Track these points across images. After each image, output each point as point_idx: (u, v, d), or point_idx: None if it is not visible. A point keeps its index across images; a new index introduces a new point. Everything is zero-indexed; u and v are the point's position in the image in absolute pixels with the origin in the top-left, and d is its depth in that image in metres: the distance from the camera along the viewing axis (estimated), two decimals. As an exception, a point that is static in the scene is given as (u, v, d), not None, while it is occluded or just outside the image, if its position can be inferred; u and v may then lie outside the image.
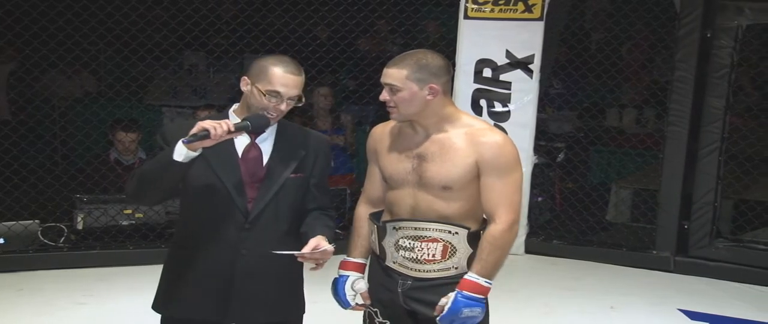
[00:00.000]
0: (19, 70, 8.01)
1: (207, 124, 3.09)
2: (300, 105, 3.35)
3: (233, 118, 3.30)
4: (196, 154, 3.11)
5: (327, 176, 3.56)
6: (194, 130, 3.07)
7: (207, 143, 3.10)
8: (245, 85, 3.30)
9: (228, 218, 3.31)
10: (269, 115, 3.27)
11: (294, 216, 3.41)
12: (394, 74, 3.31)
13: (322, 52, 7.84)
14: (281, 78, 3.26)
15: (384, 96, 3.35)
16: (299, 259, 3.29)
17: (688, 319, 6.03)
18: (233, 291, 3.34)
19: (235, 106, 3.40)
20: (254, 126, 3.24)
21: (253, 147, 3.33)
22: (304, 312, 3.60)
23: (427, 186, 3.36)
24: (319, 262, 3.29)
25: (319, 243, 3.23)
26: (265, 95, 3.24)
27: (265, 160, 3.35)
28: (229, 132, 3.12)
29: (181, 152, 3.08)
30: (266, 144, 3.36)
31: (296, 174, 3.37)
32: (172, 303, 3.41)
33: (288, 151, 3.37)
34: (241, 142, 3.31)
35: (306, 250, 3.22)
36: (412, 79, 3.29)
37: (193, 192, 3.31)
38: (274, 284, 3.43)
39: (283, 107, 3.28)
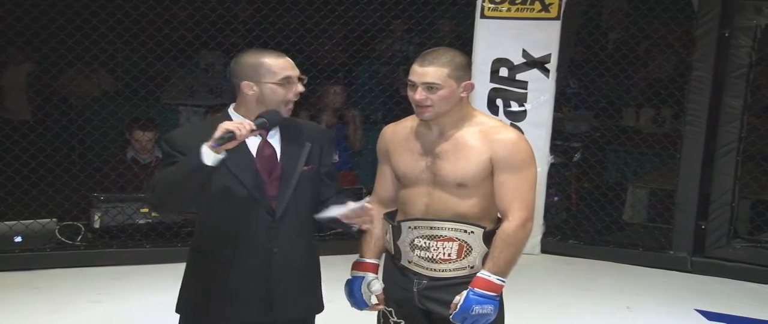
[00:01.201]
0: (37, 70, 8.05)
1: (230, 125, 3.09)
2: (304, 83, 3.36)
3: (235, 117, 3.30)
4: (222, 156, 3.10)
5: (332, 163, 3.58)
6: (218, 133, 3.06)
7: (232, 144, 3.10)
8: (250, 89, 3.27)
9: (255, 219, 3.30)
10: (287, 106, 3.30)
11: (312, 208, 3.42)
12: (434, 73, 3.29)
13: (338, 52, 7.84)
14: (282, 63, 3.29)
15: (420, 95, 3.31)
16: (343, 220, 3.27)
17: (705, 320, 6.00)
18: (274, 290, 3.35)
19: (233, 105, 3.39)
20: (271, 122, 3.24)
21: (266, 145, 3.32)
22: (323, 307, 3.61)
23: (441, 184, 3.36)
24: (362, 217, 3.29)
25: (352, 205, 3.25)
26: (281, 85, 3.26)
27: (278, 156, 3.35)
28: (251, 131, 3.14)
29: (209, 156, 3.06)
30: (275, 140, 3.36)
31: (308, 166, 3.38)
32: (209, 310, 3.39)
33: (295, 145, 3.38)
34: (253, 141, 3.30)
35: (345, 209, 3.23)
36: (453, 77, 3.30)
37: (214, 196, 3.28)
38: (303, 279, 3.45)
39: (301, 88, 3.32)
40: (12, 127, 7.34)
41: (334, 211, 3.26)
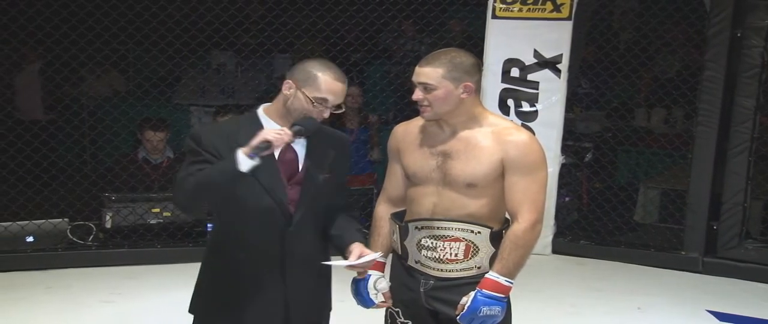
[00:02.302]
0: (49, 70, 8.06)
1: (269, 135, 3.10)
2: (339, 112, 3.36)
3: (264, 119, 3.32)
4: (257, 163, 3.11)
5: (346, 175, 3.59)
6: (257, 142, 3.09)
7: (268, 153, 3.13)
8: (289, 88, 3.27)
9: (272, 223, 3.30)
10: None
11: (327, 217, 3.43)
12: (429, 73, 3.32)
13: (350, 52, 7.85)
14: (331, 85, 3.25)
15: (418, 95, 3.35)
16: (347, 269, 3.32)
17: (717, 321, 5.99)
18: (289, 295, 3.36)
19: (263, 106, 3.40)
20: (307, 130, 3.24)
21: (288, 149, 3.31)
22: (331, 307, 3.63)
23: (451, 183, 3.37)
24: (365, 269, 3.36)
25: (362, 251, 3.29)
26: (312, 102, 3.24)
27: (300, 161, 3.35)
28: (287, 141, 3.18)
29: (246, 164, 3.08)
30: (298, 145, 3.35)
31: (329, 174, 3.39)
32: (224, 315, 3.39)
33: (319, 152, 3.37)
34: None
35: (352, 259, 3.27)
36: (448, 77, 3.30)
37: (233, 197, 3.28)
38: (317, 284, 3.48)
39: (327, 114, 3.29)
40: (24, 127, 7.35)
41: (343, 262, 3.31)
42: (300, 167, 3.34)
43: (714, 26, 6.91)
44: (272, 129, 3.17)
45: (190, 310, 3.49)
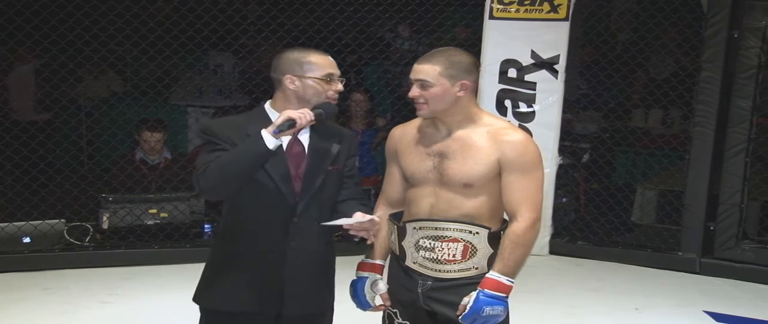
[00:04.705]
0: (46, 70, 8.06)
1: (293, 114, 3.23)
2: (343, 83, 3.46)
3: (271, 113, 3.39)
4: (281, 143, 3.25)
5: (356, 168, 3.63)
6: (280, 120, 3.22)
7: (290, 132, 3.25)
8: (292, 83, 3.35)
9: (277, 212, 3.37)
10: (333, 101, 3.40)
11: (332, 208, 3.48)
12: (426, 70, 3.34)
13: (347, 53, 7.85)
14: (325, 60, 3.41)
15: (414, 92, 3.37)
16: (347, 229, 3.34)
17: (714, 321, 5.99)
18: (285, 284, 3.40)
19: (268, 102, 3.47)
20: (327, 113, 3.36)
21: (295, 141, 3.37)
22: (332, 307, 3.65)
23: (448, 184, 3.37)
24: (368, 230, 3.35)
25: (363, 216, 3.32)
26: (324, 80, 3.36)
27: (306, 153, 3.41)
28: (310, 121, 3.27)
29: (272, 142, 3.21)
30: (304, 138, 3.41)
31: (333, 166, 3.45)
32: (220, 296, 3.44)
33: (324, 144, 3.44)
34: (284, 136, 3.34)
35: (353, 220, 3.30)
36: (445, 75, 3.32)
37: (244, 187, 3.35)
38: (317, 276, 3.51)
39: (340, 86, 3.42)
40: (21, 128, 7.35)
41: (341, 220, 3.32)
42: (305, 159, 3.41)
43: (711, 27, 6.93)
44: (295, 110, 3.27)
45: (195, 299, 3.53)
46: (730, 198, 7.00)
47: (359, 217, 3.30)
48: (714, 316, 6.08)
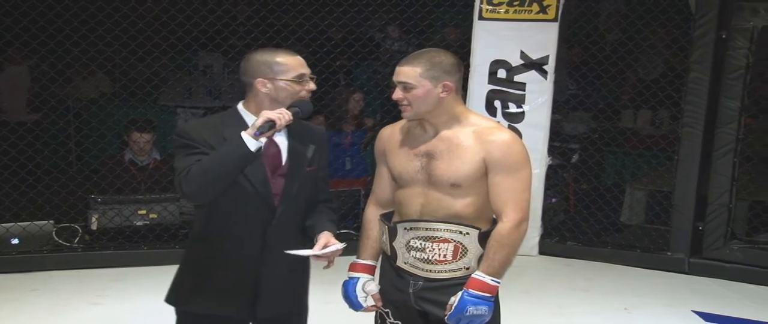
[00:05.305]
0: (35, 71, 8.04)
1: (271, 114, 3.22)
2: (315, 81, 3.45)
3: (245, 114, 3.38)
4: (262, 144, 3.24)
5: (327, 168, 3.66)
6: (260, 122, 3.21)
7: (271, 133, 3.25)
8: (264, 85, 3.33)
9: (255, 214, 3.36)
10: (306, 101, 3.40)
11: (307, 210, 3.50)
12: (408, 72, 3.34)
13: (337, 53, 7.85)
14: (295, 61, 3.38)
15: (397, 94, 3.37)
16: (313, 259, 3.35)
17: (703, 321, 6.01)
18: (263, 286, 3.41)
19: (241, 103, 3.44)
20: (304, 112, 3.36)
21: (271, 143, 3.37)
22: (307, 311, 3.67)
23: (436, 184, 3.37)
24: (331, 260, 3.38)
25: (328, 240, 3.34)
26: (296, 81, 3.34)
27: (284, 155, 3.40)
28: (288, 120, 3.27)
29: (253, 144, 3.21)
30: (280, 140, 3.41)
31: (310, 168, 3.45)
32: (197, 298, 3.44)
33: (300, 145, 3.44)
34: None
35: (317, 249, 3.30)
36: (427, 76, 3.31)
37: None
38: (292, 279, 3.51)
39: (313, 85, 3.40)
40: (9, 129, 7.33)
41: (306, 252, 3.34)
42: (283, 161, 3.41)
43: (699, 28, 6.95)
44: (273, 111, 3.25)
45: (167, 300, 3.52)
46: (719, 198, 7.02)
47: (322, 242, 3.33)
48: (703, 315, 6.09)
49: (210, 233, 3.43)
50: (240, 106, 3.43)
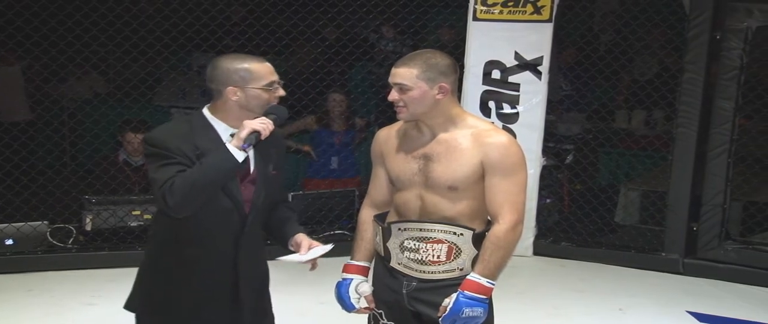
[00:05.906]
0: (29, 71, 8.03)
1: (256, 125, 3.21)
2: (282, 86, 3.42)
3: (214, 121, 3.34)
4: (247, 154, 3.25)
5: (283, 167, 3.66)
6: (246, 134, 3.19)
7: (256, 142, 3.24)
8: (235, 94, 3.29)
9: (227, 220, 3.35)
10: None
11: (268, 213, 3.53)
12: (404, 73, 3.33)
13: (331, 53, 7.84)
14: (264, 69, 3.34)
15: (393, 96, 3.37)
16: (304, 264, 3.36)
17: (697, 322, 6.02)
18: (241, 295, 3.41)
19: (206, 107, 3.40)
20: (281, 118, 3.36)
21: None
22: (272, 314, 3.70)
23: (433, 186, 3.37)
24: (315, 263, 3.41)
25: (310, 242, 3.38)
26: (266, 90, 3.31)
27: (251, 162, 3.39)
28: (271, 130, 3.27)
29: (240, 155, 3.20)
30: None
31: (275, 172, 3.47)
32: (172, 311, 3.43)
33: (264, 150, 3.42)
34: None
35: (303, 252, 3.34)
36: (423, 78, 3.31)
37: None
38: (262, 283, 3.58)
39: (282, 92, 3.38)
40: (3, 129, 7.31)
41: (296, 257, 3.36)
42: (252, 168, 3.39)
43: (693, 28, 6.95)
44: (255, 120, 3.24)
45: (127, 306, 3.55)
46: (713, 198, 7.03)
47: (306, 244, 3.38)
48: (697, 316, 6.10)
49: (180, 240, 3.38)
50: (206, 112, 3.37)
